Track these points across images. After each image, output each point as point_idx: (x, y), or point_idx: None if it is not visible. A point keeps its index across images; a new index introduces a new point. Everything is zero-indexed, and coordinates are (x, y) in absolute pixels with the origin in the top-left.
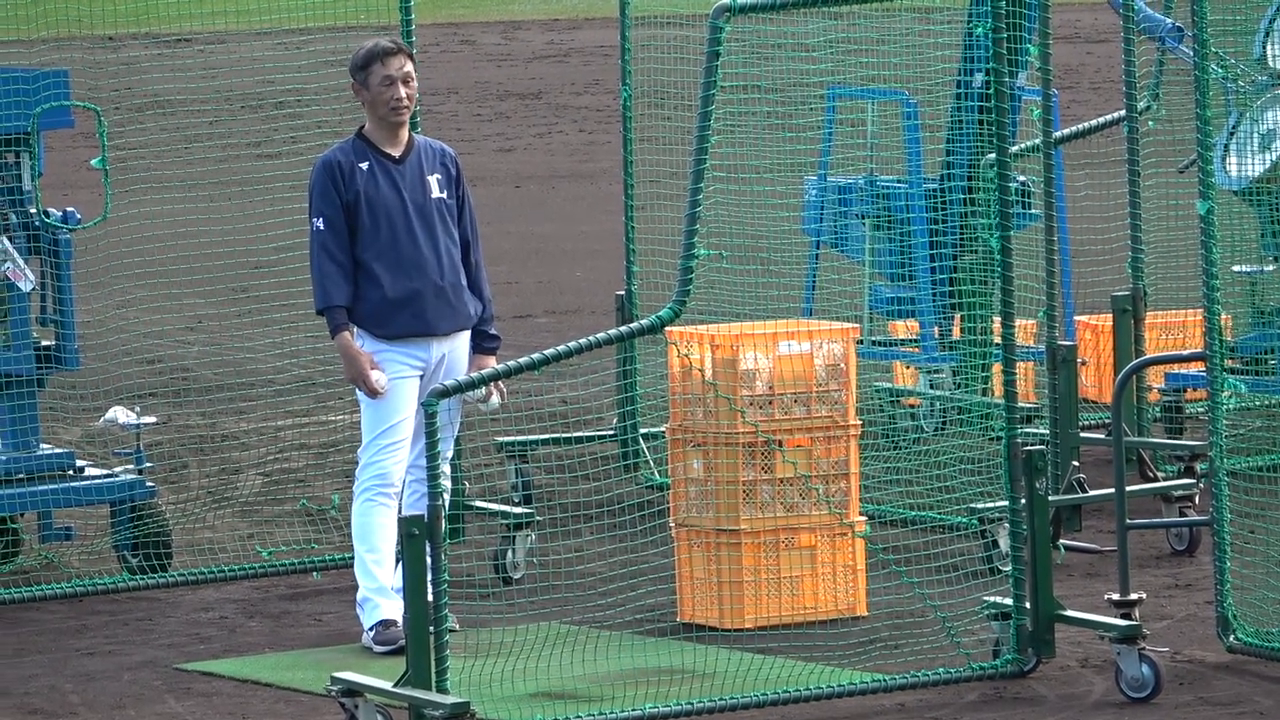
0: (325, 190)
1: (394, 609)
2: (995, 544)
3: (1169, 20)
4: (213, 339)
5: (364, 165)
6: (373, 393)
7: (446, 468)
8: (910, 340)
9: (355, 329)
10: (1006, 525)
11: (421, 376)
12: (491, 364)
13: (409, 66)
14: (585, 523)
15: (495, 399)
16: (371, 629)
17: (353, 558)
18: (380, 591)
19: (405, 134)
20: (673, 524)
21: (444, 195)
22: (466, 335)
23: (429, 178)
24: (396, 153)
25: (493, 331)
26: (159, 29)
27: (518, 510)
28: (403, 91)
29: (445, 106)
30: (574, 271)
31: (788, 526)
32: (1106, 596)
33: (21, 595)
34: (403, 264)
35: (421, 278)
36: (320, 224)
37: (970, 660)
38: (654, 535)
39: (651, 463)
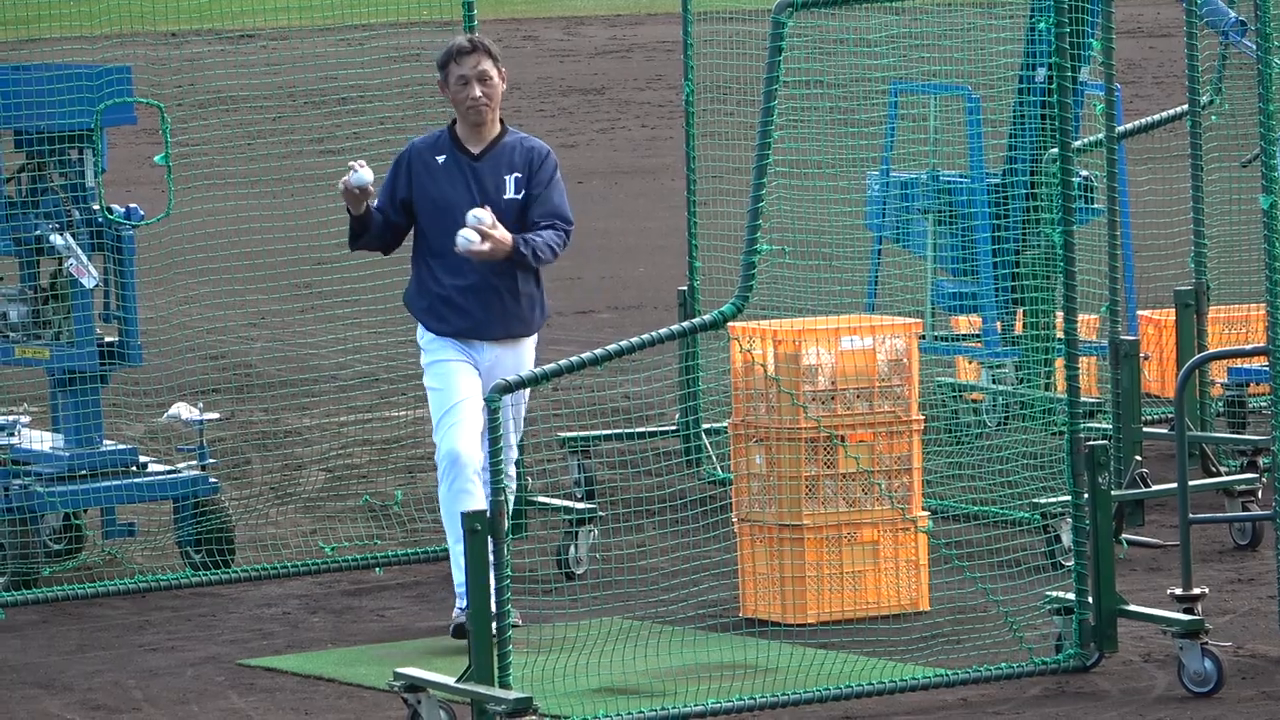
0: (388, 180)
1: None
2: (1058, 539)
3: (1232, 14)
4: (276, 335)
5: (440, 158)
6: (353, 178)
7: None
8: (973, 335)
9: (419, 325)
10: (1069, 520)
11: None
12: (500, 242)
13: (485, 64)
14: (647, 518)
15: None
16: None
17: (421, 554)
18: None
19: (489, 132)
20: (735, 519)
21: (518, 196)
22: (526, 342)
23: (506, 177)
24: (476, 150)
25: (523, 242)
26: (222, 25)
27: (580, 506)
28: (478, 90)
29: (508, 102)
30: (636, 267)
31: (850, 521)
32: (1169, 591)
33: (85, 591)
34: (458, 262)
35: (474, 275)
36: (372, 204)
37: (1033, 655)
38: (716, 530)
39: (714, 458)
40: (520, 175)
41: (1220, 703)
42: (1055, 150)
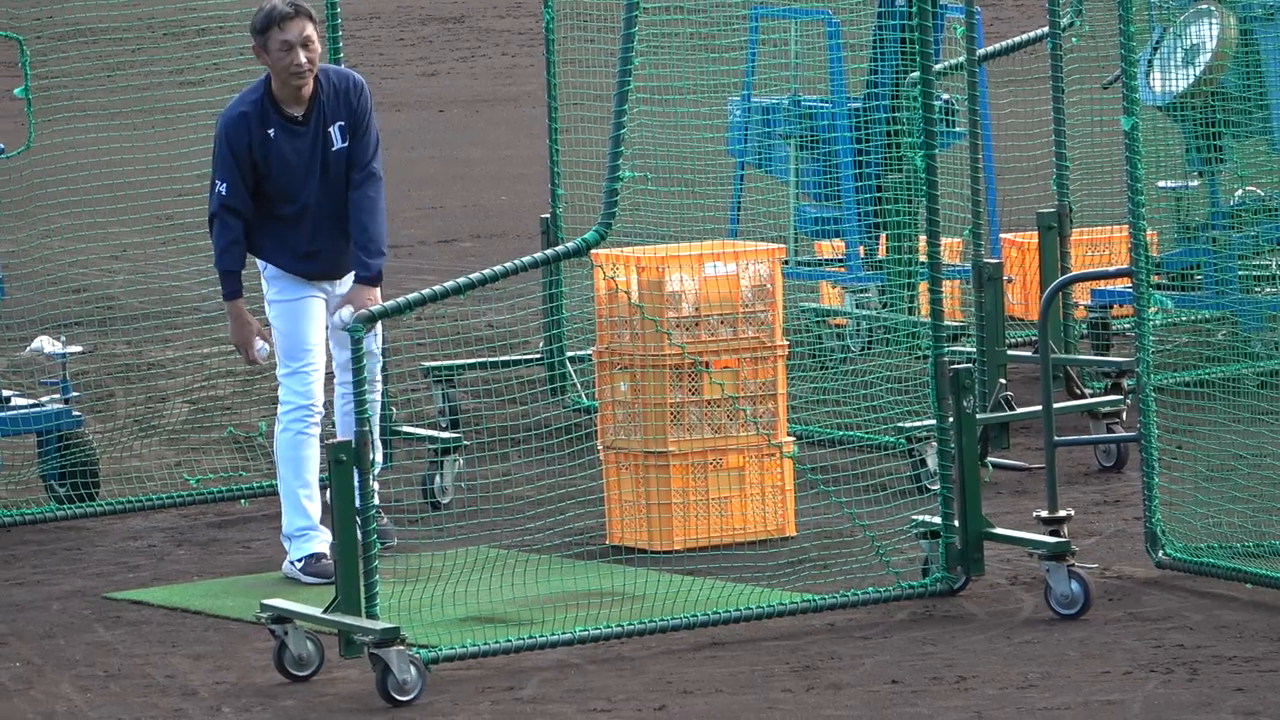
0: (225, 157)
1: (324, 542)
2: (923, 463)
3: None
4: (137, 267)
5: (270, 131)
6: (251, 361)
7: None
8: (836, 260)
9: (262, 265)
10: (934, 444)
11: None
12: (374, 295)
13: (309, 30)
14: (513, 447)
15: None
16: (299, 560)
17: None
18: (313, 526)
19: (309, 90)
20: (600, 447)
21: (346, 144)
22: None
23: (330, 130)
24: (299, 112)
25: (369, 261)
26: None
27: (445, 435)
28: (302, 56)
29: (368, 31)
30: (499, 195)
31: (716, 448)
32: (1035, 514)
33: None
34: (305, 225)
35: (325, 238)
36: (223, 189)
37: (899, 579)
38: (582, 458)
39: (578, 386)
40: (344, 123)
41: (1087, 624)
42: (916, 74)
